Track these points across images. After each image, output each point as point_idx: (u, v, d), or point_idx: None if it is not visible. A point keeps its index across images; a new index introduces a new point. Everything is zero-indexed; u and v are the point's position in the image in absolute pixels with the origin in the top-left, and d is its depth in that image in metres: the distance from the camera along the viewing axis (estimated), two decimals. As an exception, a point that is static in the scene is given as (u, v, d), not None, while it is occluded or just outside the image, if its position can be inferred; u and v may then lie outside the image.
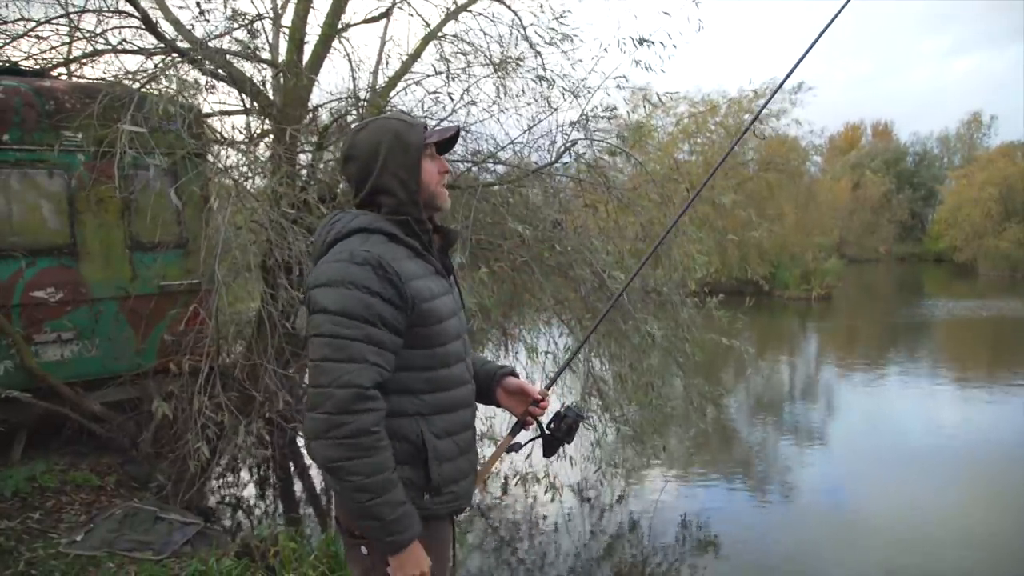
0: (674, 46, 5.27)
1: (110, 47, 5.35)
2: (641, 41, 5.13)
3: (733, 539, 5.48)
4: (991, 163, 38.36)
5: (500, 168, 5.54)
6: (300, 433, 5.92)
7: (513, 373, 1.93)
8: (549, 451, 1.91)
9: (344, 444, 1.48)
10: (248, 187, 4.90)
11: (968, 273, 34.49)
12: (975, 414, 9.26)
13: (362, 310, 1.50)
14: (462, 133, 5.49)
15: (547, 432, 1.89)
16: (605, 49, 5.27)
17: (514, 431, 1.90)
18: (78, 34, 5.48)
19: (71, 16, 5.34)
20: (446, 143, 1.78)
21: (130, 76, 5.18)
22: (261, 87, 5.54)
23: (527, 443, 1.94)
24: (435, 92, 5.44)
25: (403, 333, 1.58)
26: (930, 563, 5.07)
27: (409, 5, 5.90)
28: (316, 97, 5.79)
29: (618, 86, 5.42)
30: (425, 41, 5.86)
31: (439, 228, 1.81)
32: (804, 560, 5.14)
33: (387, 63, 5.86)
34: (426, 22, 5.92)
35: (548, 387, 1.99)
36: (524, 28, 5.59)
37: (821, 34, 2.24)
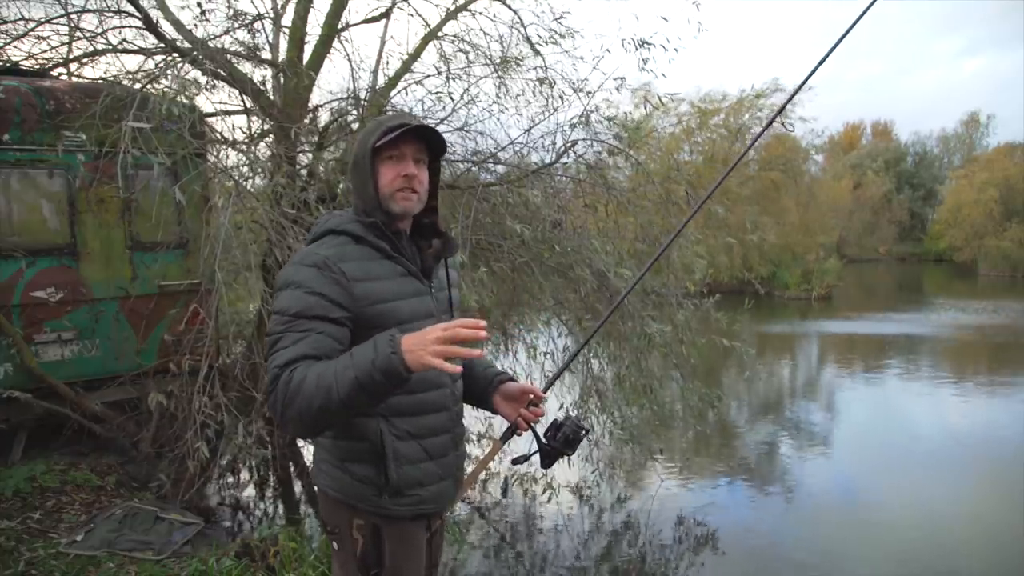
0: (675, 49, 5.26)
1: (111, 47, 5.36)
2: (642, 43, 5.12)
3: (733, 537, 5.48)
4: (991, 163, 38.42)
5: (500, 168, 5.54)
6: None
7: (512, 380, 1.91)
8: (547, 462, 1.87)
9: (289, 414, 1.45)
10: (248, 187, 4.90)
11: (968, 273, 34.49)
12: (979, 412, 9.28)
13: (299, 307, 1.54)
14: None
15: (543, 442, 1.86)
16: (608, 50, 5.26)
17: (505, 436, 1.88)
18: (78, 34, 5.49)
19: (71, 16, 5.34)
20: (438, 143, 1.75)
21: (130, 76, 5.18)
22: (261, 87, 5.54)
23: (531, 454, 1.90)
24: (436, 93, 5.43)
25: (348, 328, 1.59)
26: (934, 561, 5.07)
27: (409, 4, 5.91)
28: (316, 97, 5.80)
29: (618, 88, 5.42)
30: (425, 41, 5.86)
31: (441, 234, 1.81)
32: (804, 558, 5.14)
33: (387, 63, 5.87)
34: (426, 22, 5.93)
35: (545, 390, 1.96)
36: (524, 27, 5.59)
37: (847, 33, 2.17)
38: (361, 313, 1.59)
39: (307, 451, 6.35)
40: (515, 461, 1.94)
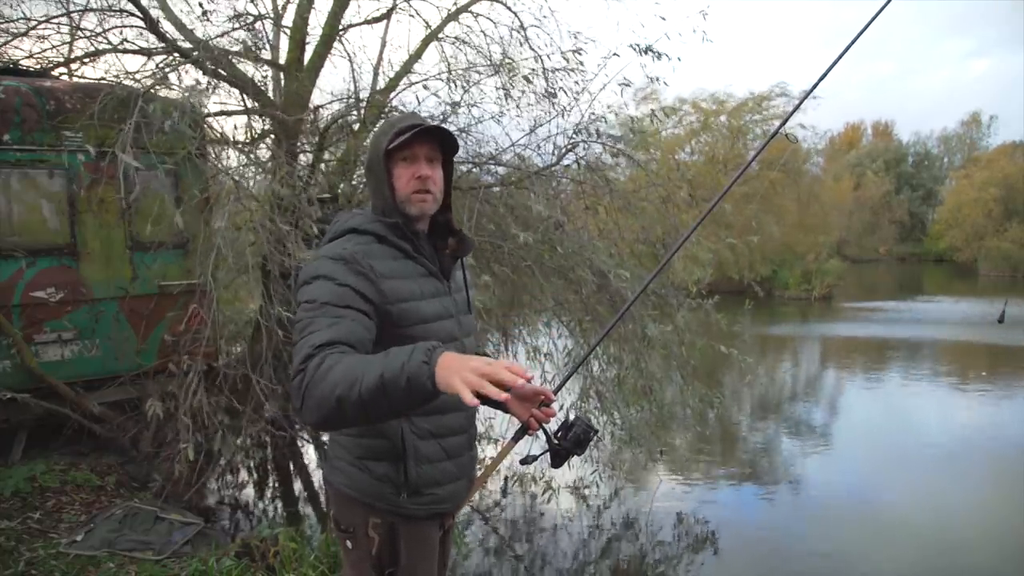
0: (679, 59, 5.24)
1: (111, 47, 5.35)
2: (647, 50, 5.10)
3: (734, 536, 5.49)
4: (991, 163, 38.44)
5: (501, 170, 5.54)
6: (299, 434, 5.93)
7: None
8: (557, 462, 1.88)
9: (310, 400, 1.37)
10: (248, 188, 4.90)
11: (968, 273, 34.50)
12: (984, 411, 9.29)
13: (328, 296, 1.52)
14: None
15: (555, 442, 1.87)
16: (616, 54, 5.24)
17: (517, 436, 1.89)
18: (79, 34, 5.48)
19: (72, 16, 5.33)
20: (450, 144, 1.75)
21: (130, 76, 5.17)
22: (262, 87, 5.54)
23: (541, 455, 1.92)
24: (441, 97, 5.42)
25: (375, 322, 1.57)
26: (937, 559, 5.08)
27: (410, 5, 5.90)
28: (317, 97, 5.80)
29: (621, 93, 5.41)
30: (426, 42, 5.86)
31: (456, 233, 1.82)
32: (806, 556, 5.14)
33: (388, 64, 5.87)
34: (427, 23, 5.93)
35: (556, 391, 1.97)
36: (524, 30, 5.59)
37: (859, 35, 2.18)
38: (387, 311, 1.59)
39: (307, 451, 6.36)
40: (524, 461, 1.95)
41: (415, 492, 1.67)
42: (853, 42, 2.20)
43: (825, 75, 2.24)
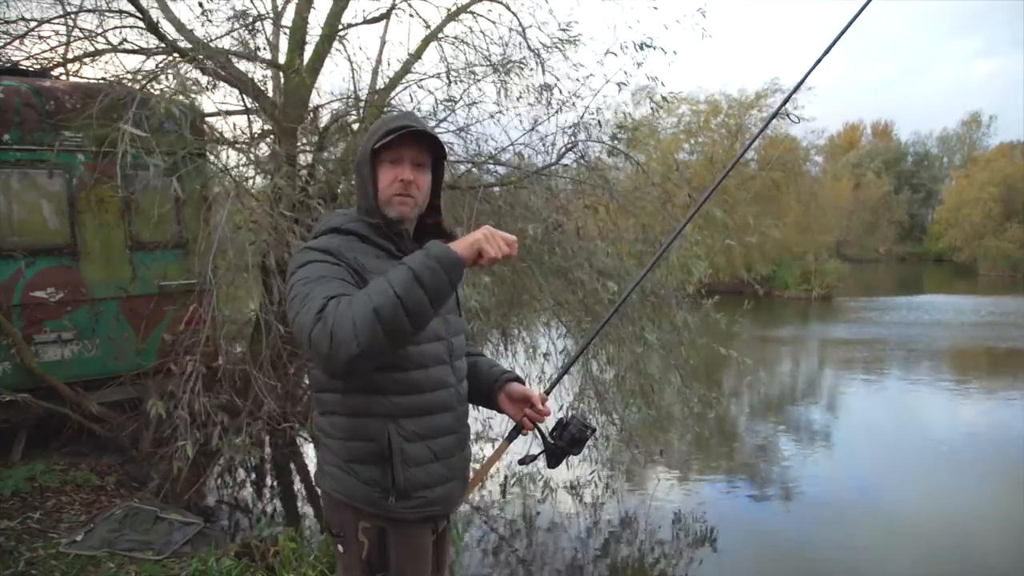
0: (674, 52, 5.25)
1: (111, 47, 5.35)
2: (642, 46, 5.11)
3: (733, 536, 5.50)
4: (991, 163, 38.49)
5: (501, 169, 5.54)
6: (298, 432, 5.93)
7: (518, 379, 1.91)
8: (553, 462, 1.88)
9: (342, 333, 1.38)
10: (248, 187, 4.90)
11: (968, 273, 34.53)
12: (987, 410, 9.31)
13: (324, 271, 1.55)
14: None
15: (549, 442, 1.86)
16: (614, 53, 5.24)
17: (511, 436, 1.88)
18: (79, 34, 5.47)
19: (71, 16, 5.33)
20: (438, 146, 1.74)
21: (130, 76, 5.17)
22: (262, 87, 5.54)
23: (538, 455, 1.91)
24: (440, 95, 5.42)
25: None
26: (938, 558, 5.10)
27: (410, 6, 5.90)
28: (316, 98, 5.80)
29: (619, 90, 5.42)
30: (426, 42, 5.85)
31: (445, 235, 1.81)
32: (806, 555, 5.15)
33: (388, 64, 5.87)
34: (426, 23, 5.92)
35: (548, 391, 1.96)
36: (524, 30, 5.59)
37: (840, 35, 2.18)
38: None
39: (306, 450, 6.36)
40: (522, 461, 1.94)
41: (403, 496, 1.66)
42: (841, 34, 2.20)
43: (811, 71, 2.23)
